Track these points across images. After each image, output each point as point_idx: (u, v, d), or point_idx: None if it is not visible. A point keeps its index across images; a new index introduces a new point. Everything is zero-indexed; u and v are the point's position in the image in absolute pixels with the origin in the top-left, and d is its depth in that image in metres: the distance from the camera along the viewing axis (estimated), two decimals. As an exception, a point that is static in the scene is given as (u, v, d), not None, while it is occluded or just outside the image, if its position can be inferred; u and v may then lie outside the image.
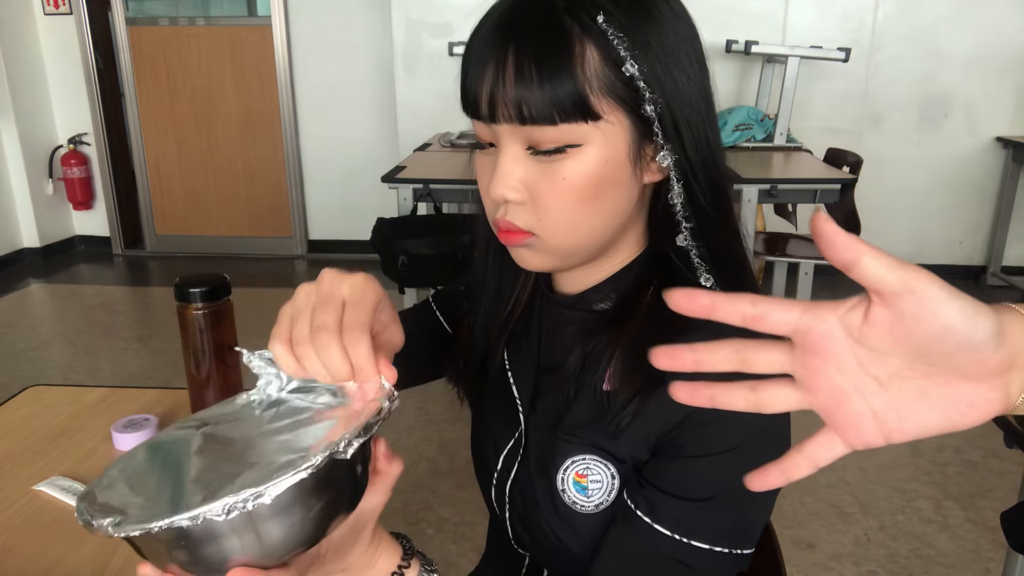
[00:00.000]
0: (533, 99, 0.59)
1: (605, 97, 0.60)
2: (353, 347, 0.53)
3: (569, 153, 0.61)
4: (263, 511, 0.47)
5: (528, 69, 0.58)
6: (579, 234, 0.65)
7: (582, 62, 0.59)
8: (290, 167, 4.88)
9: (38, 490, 0.97)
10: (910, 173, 4.31)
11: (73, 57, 4.80)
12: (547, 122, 0.59)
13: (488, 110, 0.61)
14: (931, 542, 2.15)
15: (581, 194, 0.62)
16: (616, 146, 0.62)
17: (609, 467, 0.68)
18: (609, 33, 0.59)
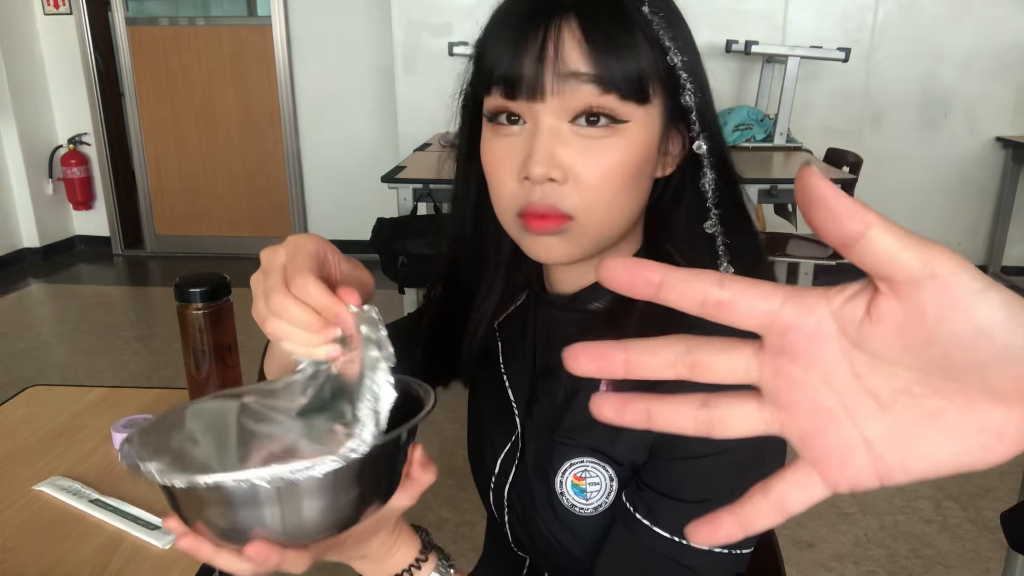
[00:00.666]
0: (608, 71, 0.59)
1: (653, 83, 0.62)
2: (302, 293, 0.51)
3: (615, 131, 0.61)
4: (308, 486, 0.47)
5: (601, 40, 0.59)
6: (616, 218, 0.65)
7: (640, 42, 0.61)
8: (290, 167, 4.88)
9: (38, 490, 0.97)
10: (910, 173, 4.31)
11: (73, 57, 4.80)
12: (618, 94, 0.60)
13: (532, 84, 0.60)
14: (931, 542, 2.15)
15: (626, 177, 0.62)
16: (653, 131, 0.63)
17: (607, 469, 0.68)
18: (655, 23, 0.61)
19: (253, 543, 0.48)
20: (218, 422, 0.55)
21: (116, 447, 1.07)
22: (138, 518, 0.91)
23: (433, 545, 0.64)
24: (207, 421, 0.55)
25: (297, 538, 0.50)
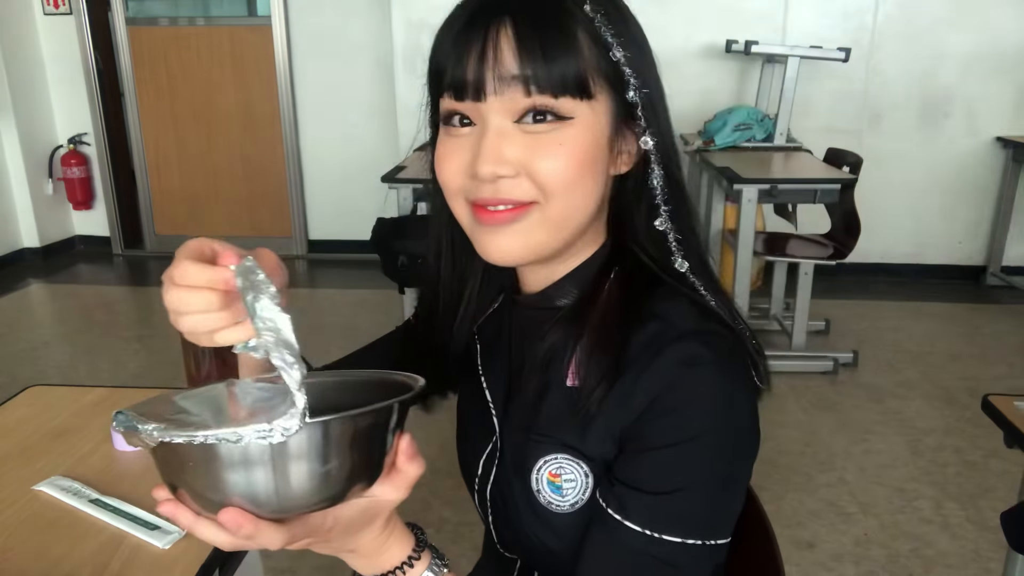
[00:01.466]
0: (538, 71, 0.61)
1: (598, 79, 0.63)
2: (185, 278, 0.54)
3: (560, 125, 0.63)
4: (293, 444, 0.49)
5: (532, 42, 0.60)
6: (574, 207, 0.65)
7: (578, 42, 0.62)
8: (290, 167, 4.88)
9: (38, 490, 0.97)
10: (910, 173, 4.31)
11: (73, 57, 4.80)
12: (551, 93, 0.61)
13: (476, 86, 0.62)
14: (931, 542, 2.15)
15: (579, 164, 0.63)
16: (601, 127, 0.64)
17: (582, 466, 0.69)
18: (596, 20, 0.63)
19: (227, 510, 0.49)
20: (210, 396, 0.59)
21: (116, 447, 1.07)
22: (138, 518, 0.91)
23: (427, 544, 0.64)
24: (199, 398, 0.59)
25: (274, 509, 0.51)
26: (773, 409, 2.91)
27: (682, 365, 0.63)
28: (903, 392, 3.05)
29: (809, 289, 3.27)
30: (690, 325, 0.65)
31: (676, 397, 0.63)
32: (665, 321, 0.65)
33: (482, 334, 0.81)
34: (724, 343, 0.65)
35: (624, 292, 0.68)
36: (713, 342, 0.64)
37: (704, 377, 0.63)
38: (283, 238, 5.00)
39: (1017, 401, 1.23)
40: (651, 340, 0.64)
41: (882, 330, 3.70)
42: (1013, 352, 3.45)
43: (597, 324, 0.67)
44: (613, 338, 0.66)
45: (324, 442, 0.50)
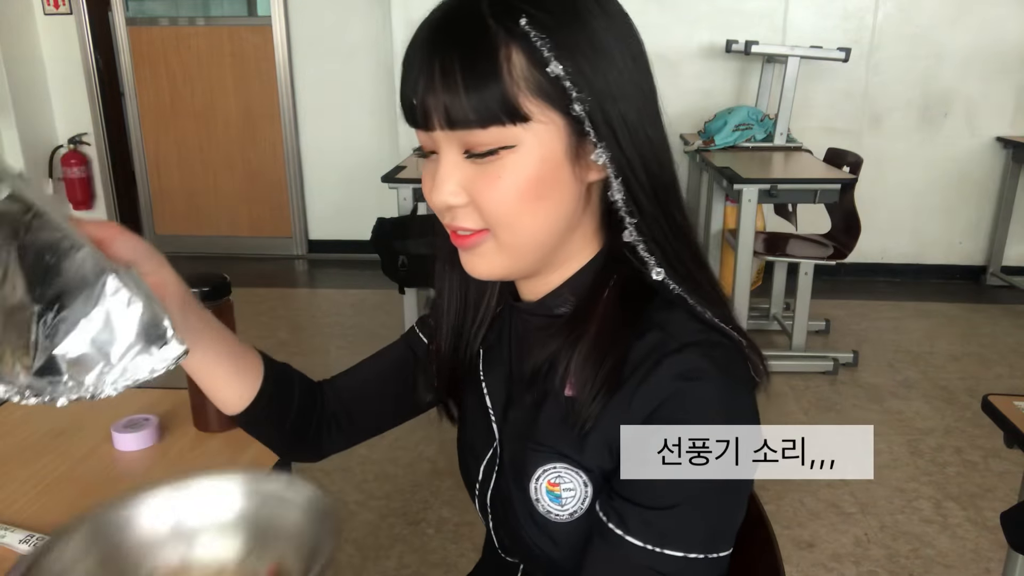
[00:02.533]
0: (460, 104, 0.59)
1: (535, 98, 0.60)
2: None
3: (503, 155, 0.61)
4: None
5: (453, 75, 0.59)
6: (527, 232, 0.65)
7: (508, 65, 0.59)
8: (290, 167, 4.88)
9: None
10: (910, 173, 4.31)
11: (73, 57, 4.80)
12: (475, 126, 0.60)
13: (422, 118, 0.62)
14: (931, 542, 2.15)
15: (520, 193, 0.62)
16: (551, 145, 0.62)
17: (580, 475, 0.68)
18: (532, 35, 0.59)
19: None
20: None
21: (116, 447, 1.07)
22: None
23: None
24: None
25: None
26: (773, 409, 2.92)
27: (681, 378, 0.62)
28: (903, 392, 3.05)
29: (809, 289, 3.27)
30: (690, 336, 0.64)
31: (675, 411, 0.62)
32: (664, 332, 0.65)
33: (484, 340, 0.81)
34: (724, 353, 0.64)
35: (621, 301, 0.67)
36: (713, 353, 0.63)
37: (703, 390, 0.63)
38: (283, 238, 5.00)
39: (1017, 401, 1.23)
40: (650, 351, 0.64)
41: (882, 330, 3.70)
42: (1013, 352, 3.45)
43: (594, 334, 0.66)
44: (608, 348, 0.65)
45: None
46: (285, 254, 5.01)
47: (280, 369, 0.83)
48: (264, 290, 4.29)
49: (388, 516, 2.25)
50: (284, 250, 5.02)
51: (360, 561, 2.05)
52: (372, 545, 2.11)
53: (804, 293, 3.28)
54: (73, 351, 0.59)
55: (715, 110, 4.02)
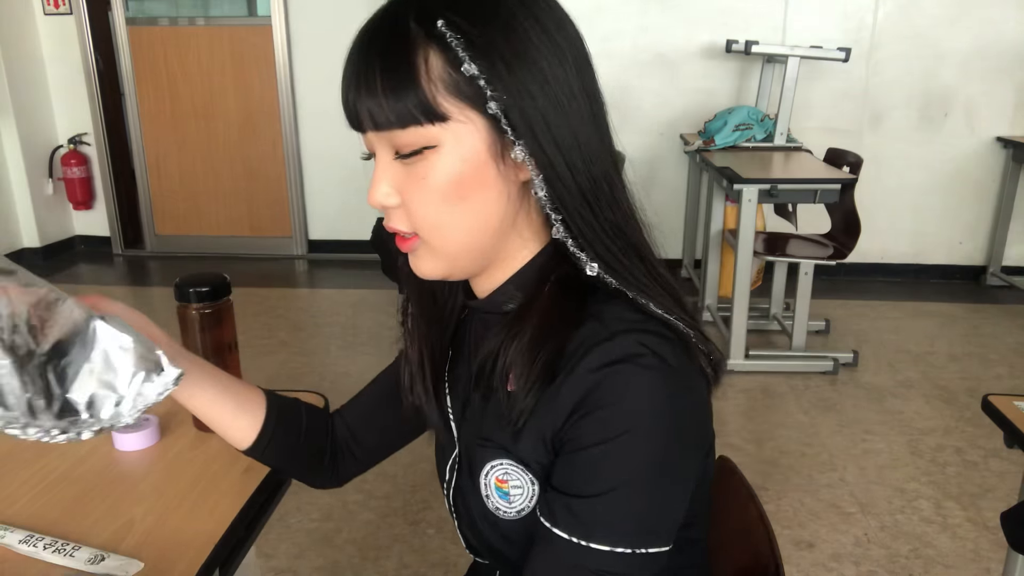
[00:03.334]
0: (379, 106, 0.62)
1: (452, 99, 0.61)
2: None
3: (426, 155, 0.63)
4: None
5: (371, 77, 0.62)
6: (453, 234, 0.66)
7: (426, 67, 0.61)
8: (290, 167, 4.88)
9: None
10: (910, 173, 4.31)
11: (73, 57, 4.80)
12: (395, 127, 0.62)
13: (353, 121, 0.65)
14: (931, 542, 2.15)
15: (443, 193, 0.64)
16: (473, 145, 0.63)
17: (526, 472, 0.68)
18: (448, 36, 0.61)
19: None
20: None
21: (116, 447, 1.07)
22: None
23: None
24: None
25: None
26: (773, 409, 2.92)
27: (608, 364, 0.61)
28: (903, 392, 3.05)
29: (809, 289, 3.27)
30: (622, 325, 0.63)
31: (601, 396, 0.61)
32: (599, 322, 0.64)
33: (452, 342, 0.82)
34: (659, 341, 0.62)
35: (562, 295, 0.67)
36: (645, 340, 0.62)
37: (632, 374, 0.61)
38: (283, 238, 5.01)
39: (1017, 401, 1.23)
40: (582, 342, 0.63)
41: (882, 330, 3.70)
42: (1013, 352, 3.45)
43: (533, 328, 0.66)
44: (544, 342, 0.64)
45: None
46: (285, 254, 5.02)
47: (285, 403, 0.87)
48: (264, 290, 4.29)
49: (388, 516, 2.25)
50: (284, 250, 5.02)
51: (360, 561, 2.05)
52: (372, 545, 2.11)
53: (804, 293, 3.28)
54: (84, 393, 0.67)
55: (715, 110, 4.02)
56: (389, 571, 2.02)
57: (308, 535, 2.15)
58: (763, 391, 3.05)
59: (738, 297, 3.13)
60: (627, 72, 4.23)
